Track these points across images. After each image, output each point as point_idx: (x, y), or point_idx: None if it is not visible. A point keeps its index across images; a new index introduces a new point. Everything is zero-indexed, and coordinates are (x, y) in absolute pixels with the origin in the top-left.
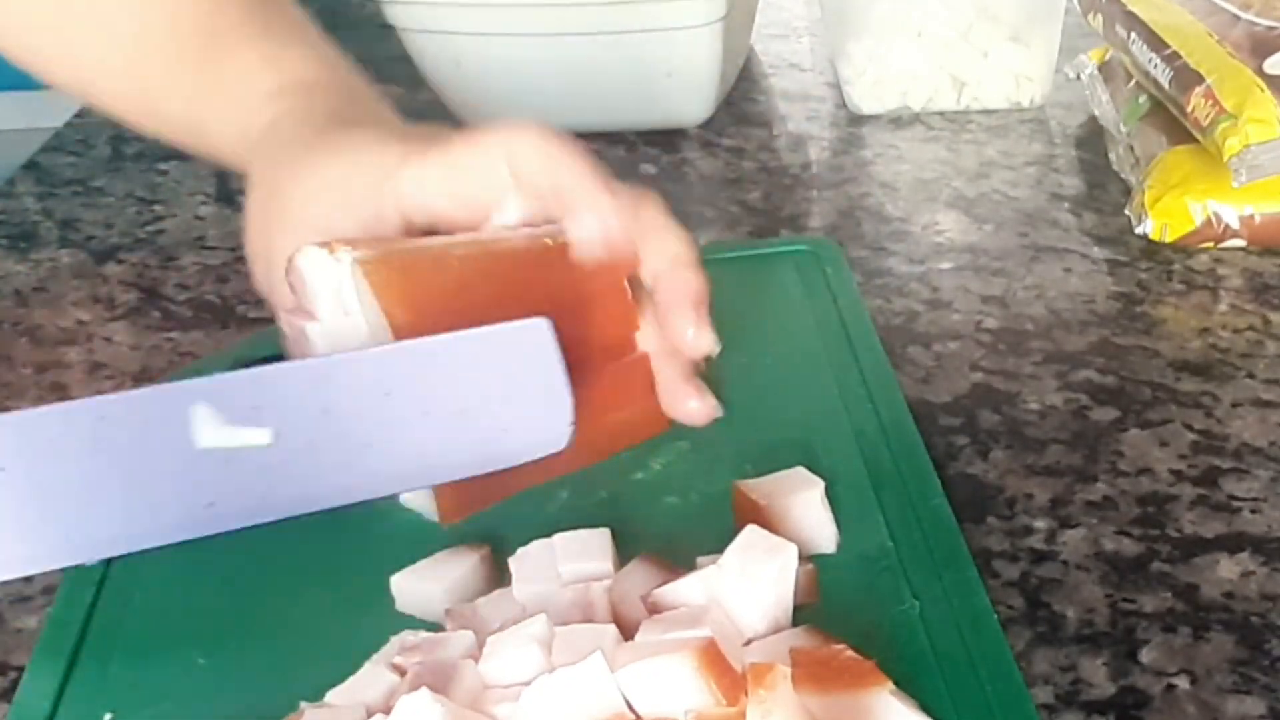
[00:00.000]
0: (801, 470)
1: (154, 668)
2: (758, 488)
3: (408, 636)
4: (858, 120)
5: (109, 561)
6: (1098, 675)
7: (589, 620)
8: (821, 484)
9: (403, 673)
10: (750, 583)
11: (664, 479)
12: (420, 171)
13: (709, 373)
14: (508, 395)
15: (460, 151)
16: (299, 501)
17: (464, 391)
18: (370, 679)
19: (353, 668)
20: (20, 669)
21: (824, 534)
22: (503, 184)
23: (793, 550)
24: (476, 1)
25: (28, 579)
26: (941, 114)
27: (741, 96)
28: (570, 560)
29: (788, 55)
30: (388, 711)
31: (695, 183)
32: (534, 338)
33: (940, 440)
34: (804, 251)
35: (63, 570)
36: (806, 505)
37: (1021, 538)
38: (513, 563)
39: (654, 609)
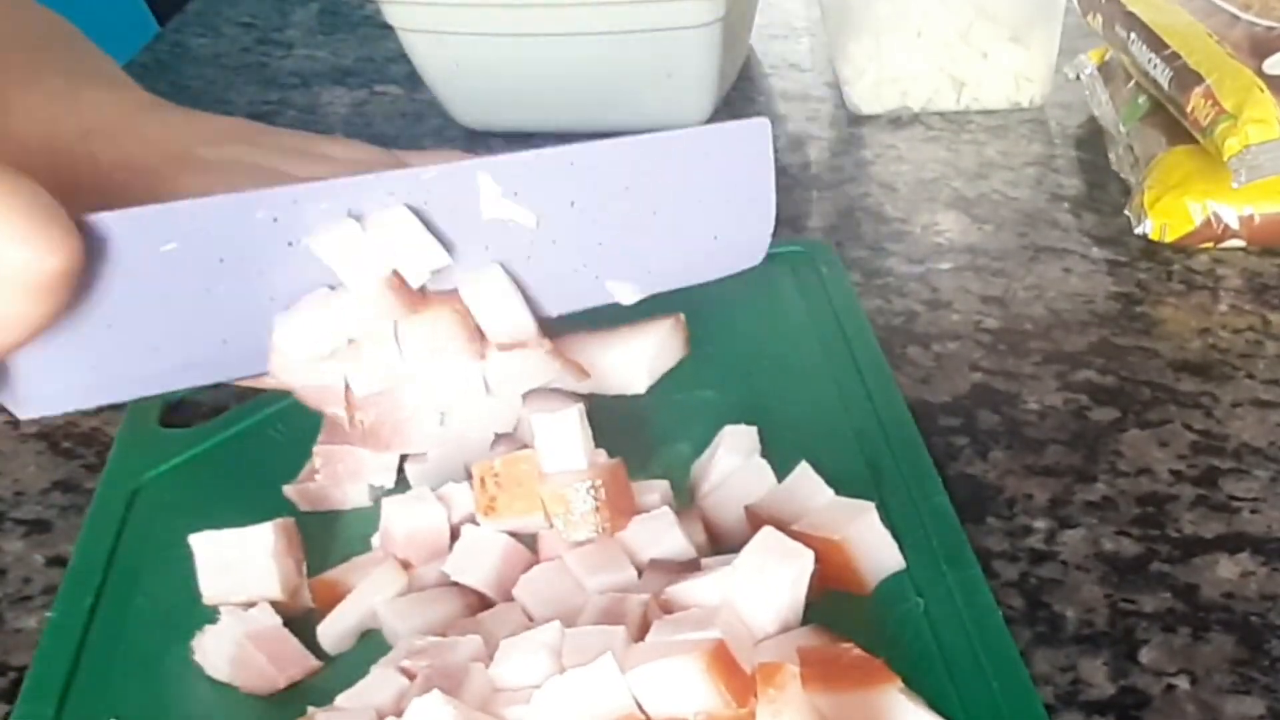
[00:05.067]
0: (842, 500)
1: (157, 674)
2: (822, 525)
3: (415, 640)
4: (857, 120)
5: (108, 565)
6: (1097, 675)
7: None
8: (873, 506)
9: (411, 676)
10: (766, 586)
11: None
12: None
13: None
14: (722, 198)
15: None
16: (537, 302)
17: (689, 189)
18: (380, 682)
19: (360, 671)
20: (20, 669)
21: (893, 555)
22: None
23: (809, 555)
24: (476, 1)
25: (27, 580)
26: (941, 114)
27: (741, 96)
28: (593, 573)
29: (787, 55)
30: (398, 715)
31: None
32: (754, 136)
33: (940, 440)
34: (799, 253)
35: (61, 570)
36: (869, 530)
37: (1021, 538)
38: (518, 592)
39: (666, 608)
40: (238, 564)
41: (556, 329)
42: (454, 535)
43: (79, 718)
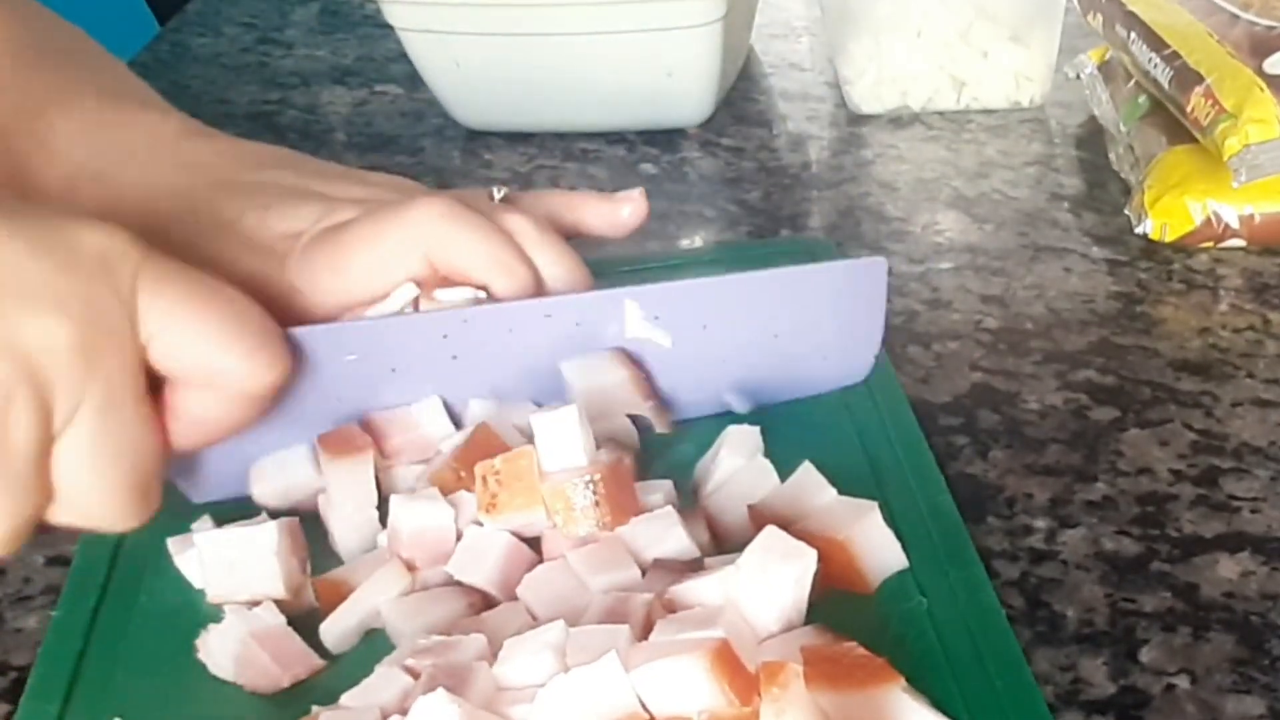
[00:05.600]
0: (845, 499)
1: (161, 673)
2: (825, 524)
3: (420, 639)
4: (857, 120)
5: (111, 563)
6: (1098, 675)
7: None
8: (875, 505)
9: (416, 675)
10: (769, 585)
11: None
12: (311, 278)
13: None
14: (836, 325)
15: (356, 254)
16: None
17: (807, 317)
18: (384, 681)
19: (365, 671)
20: (20, 669)
21: (896, 554)
22: (398, 274)
23: (812, 555)
24: (476, 1)
25: (27, 579)
26: (941, 114)
27: (741, 96)
28: (597, 572)
29: (788, 55)
30: (403, 713)
31: (695, 183)
32: (871, 273)
33: (940, 440)
34: (800, 251)
35: (62, 570)
36: (872, 529)
37: (1021, 537)
38: (522, 591)
39: (670, 607)
40: (241, 563)
41: None
42: (460, 539)
43: (83, 716)
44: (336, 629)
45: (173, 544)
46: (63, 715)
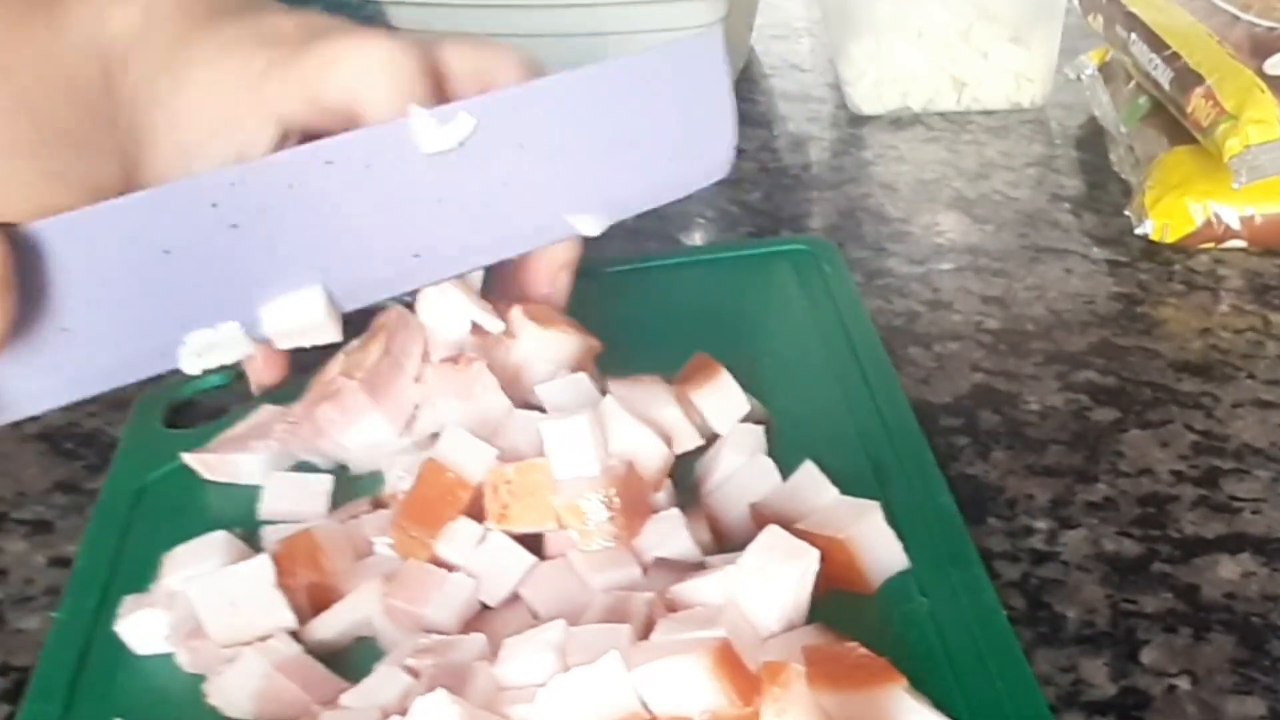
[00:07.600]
0: (847, 499)
1: (162, 674)
2: (826, 524)
3: (420, 639)
4: (858, 121)
5: (113, 565)
6: (1098, 676)
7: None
8: (877, 505)
9: (416, 675)
10: (770, 584)
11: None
12: (282, 86)
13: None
14: (679, 116)
15: (320, 60)
16: (495, 246)
17: (644, 113)
18: (384, 681)
19: (365, 670)
20: (21, 669)
21: (898, 554)
22: (364, 91)
23: (814, 554)
24: (477, 2)
25: (28, 580)
26: (942, 114)
27: (742, 97)
28: (598, 571)
29: (788, 56)
30: (403, 713)
31: None
32: (705, 52)
33: (940, 441)
34: (802, 251)
35: (63, 571)
36: (873, 529)
37: (1022, 538)
38: (523, 590)
39: (671, 607)
40: (245, 600)
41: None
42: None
43: (84, 718)
44: (323, 633)
45: (127, 602)
46: (64, 717)
